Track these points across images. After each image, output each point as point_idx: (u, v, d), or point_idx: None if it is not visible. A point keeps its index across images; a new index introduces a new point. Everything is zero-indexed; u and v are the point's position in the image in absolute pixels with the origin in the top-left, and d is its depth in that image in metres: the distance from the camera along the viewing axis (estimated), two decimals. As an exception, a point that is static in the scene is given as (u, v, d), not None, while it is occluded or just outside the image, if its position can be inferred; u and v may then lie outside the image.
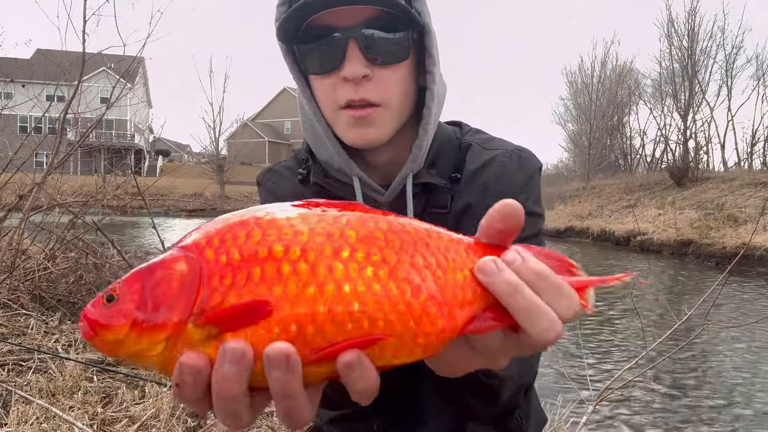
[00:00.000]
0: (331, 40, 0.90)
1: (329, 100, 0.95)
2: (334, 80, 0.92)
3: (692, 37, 30.87)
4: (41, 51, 11.48)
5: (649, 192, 27.44)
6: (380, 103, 0.92)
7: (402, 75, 0.94)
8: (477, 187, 1.01)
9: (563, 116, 46.94)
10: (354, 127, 0.94)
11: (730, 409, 5.50)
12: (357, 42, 0.89)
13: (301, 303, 0.48)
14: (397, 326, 0.49)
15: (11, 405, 2.89)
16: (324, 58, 0.92)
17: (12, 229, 4.91)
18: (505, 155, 1.04)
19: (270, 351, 0.45)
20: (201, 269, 0.49)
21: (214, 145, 47.58)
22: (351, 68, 0.89)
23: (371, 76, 0.91)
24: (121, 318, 0.49)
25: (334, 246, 0.51)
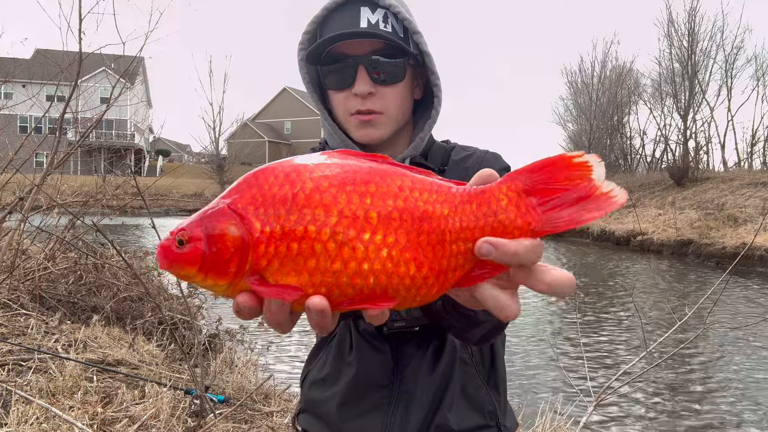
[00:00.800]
0: (345, 64, 1.20)
1: (343, 108, 1.25)
2: (346, 95, 1.23)
3: (692, 37, 30.89)
4: (41, 51, 11.48)
5: (649, 192, 27.45)
6: (382, 112, 1.23)
7: (399, 91, 1.24)
8: (460, 171, 1.28)
9: (563, 116, 46.96)
10: (361, 128, 1.24)
11: (731, 410, 5.50)
12: (365, 67, 1.19)
13: (329, 275, 0.61)
14: (401, 292, 0.63)
15: (11, 405, 2.89)
16: (340, 78, 1.22)
17: (12, 230, 4.91)
18: (483, 152, 1.34)
19: (311, 304, 0.61)
20: (250, 236, 0.61)
21: (214, 145, 47.62)
22: (360, 87, 1.20)
23: (375, 93, 1.21)
24: (191, 263, 0.62)
25: (358, 228, 0.62)
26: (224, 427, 3.09)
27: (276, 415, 3.37)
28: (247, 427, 3.21)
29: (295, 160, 0.66)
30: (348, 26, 1.17)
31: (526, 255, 0.61)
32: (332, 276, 0.61)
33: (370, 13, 1.18)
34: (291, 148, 63.57)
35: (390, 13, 1.19)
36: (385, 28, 1.18)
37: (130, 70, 5.50)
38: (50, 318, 4.53)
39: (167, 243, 0.64)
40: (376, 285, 0.62)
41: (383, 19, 1.18)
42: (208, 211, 0.64)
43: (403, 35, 1.21)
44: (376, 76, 1.20)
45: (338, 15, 1.20)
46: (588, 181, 0.64)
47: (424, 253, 0.63)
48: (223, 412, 3.15)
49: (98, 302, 5.21)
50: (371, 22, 1.17)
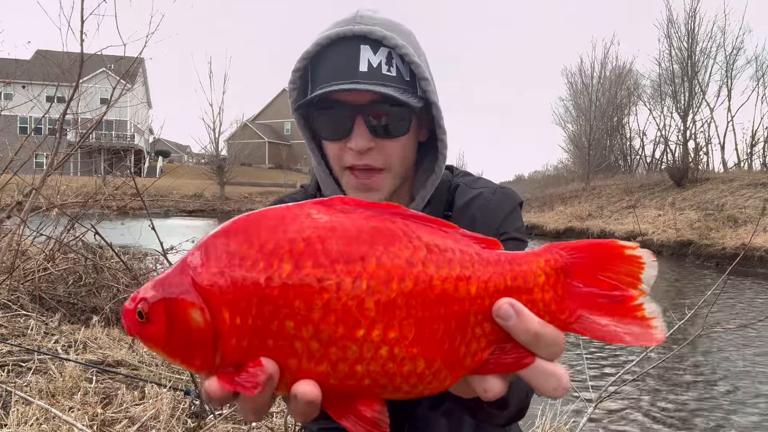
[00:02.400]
0: (340, 113, 1.03)
1: (336, 160, 1.08)
2: (341, 146, 1.05)
3: (692, 37, 30.92)
4: (41, 52, 11.49)
5: (649, 193, 27.45)
6: (382, 168, 1.05)
7: (403, 143, 1.06)
8: (466, 219, 1.13)
9: (563, 117, 46.98)
10: (358, 191, 1.07)
11: (731, 410, 5.50)
12: (363, 117, 1.02)
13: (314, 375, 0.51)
14: (404, 389, 0.53)
15: (11, 406, 2.89)
16: (334, 128, 1.05)
17: (12, 230, 4.91)
18: (490, 191, 1.18)
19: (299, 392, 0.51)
20: (219, 326, 0.52)
21: (214, 145, 47.61)
22: (356, 141, 1.02)
23: (374, 147, 1.03)
24: (154, 342, 0.55)
25: (349, 324, 0.50)
26: (224, 428, 3.09)
27: (276, 416, 3.37)
28: (247, 428, 3.21)
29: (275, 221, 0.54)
30: (345, 69, 0.99)
31: (547, 343, 0.53)
32: (318, 376, 0.51)
33: (371, 53, 1.00)
34: (291, 148, 63.63)
35: (395, 54, 1.01)
36: (389, 71, 1.01)
37: (131, 72, 5.51)
38: (50, 319, 4.53)
39: (130, 309, 0.55)
40: (373, 386, 0.52)
41: (387, 60, 1.01)
42: (168, 279, 0.54)
43: (409, 79, 1.04)
44: (377, 129, 1.02)
45: (334, 53, 1.01)
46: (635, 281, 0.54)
47: (437, 345, 0.51)
48: (222, 413, 3.15)
49: (98, 303, 5.21)
50: (372, 64, 0.99)
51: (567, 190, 35.69)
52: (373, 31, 0.99)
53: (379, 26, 1.01)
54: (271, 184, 49.95)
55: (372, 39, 1.00)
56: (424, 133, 1.14)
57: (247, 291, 0.51)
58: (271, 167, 60.05)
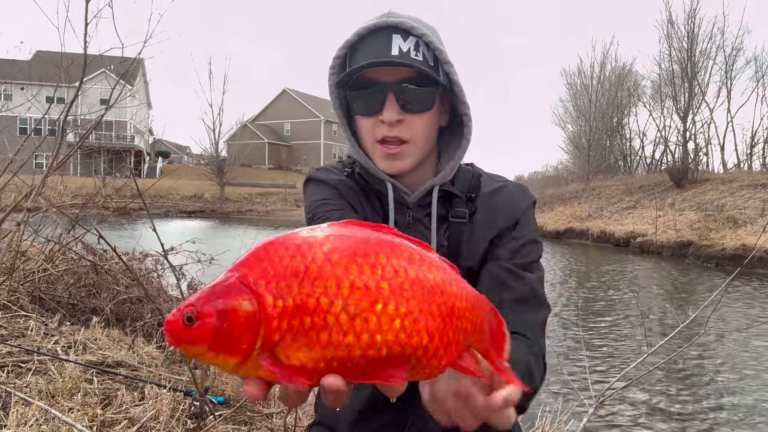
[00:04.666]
0: (374, 90, 1.20)
1: (369, 135, 1.25)
2: (374, 121, 1.23)
3: (692, 38, 30.92)
4: (41, 52, 11.48)
5: (649, 193, 27.44)
6: (409, 140, 1.23)
7: (427, 120, 1.24)
8: (490, 205, 1.31)
9: (563, 118, 46.99)
10: (386, 159, 1.25)
11: (732, 411, 5.50)
12: (394, 94, 1.19)
13: (342, 348, 0.60)
14: (413, 362, 0.64)
15: (11, 407, 2.89)
16: (368, 104, 1.22)
17: (11, 231, 4.90)
18: (513, 186, 1.36)
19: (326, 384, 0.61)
20: (263, 311, 0.60)
21: (214, 146, 47.61)
22: (388, 114, 1.20)
23: (403, 120, 1.21)
24: (201, 340, 0.61)
25: (370, 299, 0.62)
26: (224, 429, 3.09)
27: (275, 417, 3.37)
28: (247, 429, 3.21)
29: (303, 233, 0.66)
30: (379, 53, 1.17)
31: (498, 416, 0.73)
32: (345, 349, 0.61)
33: (401, 41, 1.17)
34: (291, 149, 63.62)
35: (422, 42, 1.19)
36: (416, 56, 1.18)
37: (130, 72, 5.50)
38: (50, 319, 4.52)
39: (175, 319, 0.62)
40: (389, 356, 0.62)
41: (414, 47, 1.18)
42: (217, 285, 0.63)
43: (433, 64, 1.20)
44: (405, 104, 1.20)
45: (370, 41, 1.20)
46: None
47: (435, 323, 0.64)
48: (222, 414, 3.15)
49: (98, 304, 5.21)
50: (402, 49, 1.17)
51: (567, 190, 35.68)
52: (403, 23, 1.18)
53: (408, 19, 1.19)
54: (271, 185, 49.96)
55: (402, 29, 1.18)
56: (445, 118, 1.31)
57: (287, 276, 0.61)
58: (271, 168, 60.07)
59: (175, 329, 0.62)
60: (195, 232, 9.89)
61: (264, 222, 31.32)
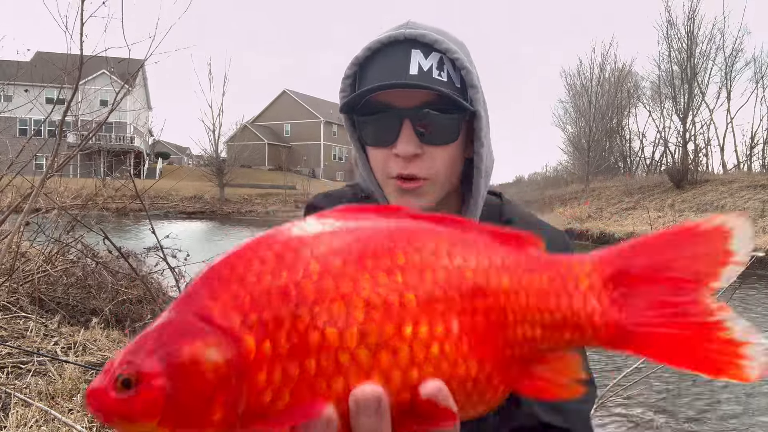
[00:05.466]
0: (387, 117, 0.98)
1: (381, 169, 1.04)
2: (387, 153, 1.01)
3: (691, 39, 30.94)
4: (42, 53, 11.49)
5: (649, 194, 27.46)
6: (428, 178, 1.00)
7: (450, 153, 1.01)
8: None
9: (562, 119, 46.99)
10: (401, 195, 1.02)
11: (732, 412, 5.50)
12: (411, 122, 0.97)
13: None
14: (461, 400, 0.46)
15: (11, 408, 2.89)
16: (380, 132, 1.01)
17: (11, 232, 4.90)
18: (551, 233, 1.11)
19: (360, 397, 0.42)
20: (242, 360, 0.41)
21: (214, 147, 47.61)
22: (403, 147, 0.97)
23: (422, 154, 0.99)
24: (146, 414, 0.40)
25: (395, 322, 0.44)
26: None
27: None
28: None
29: (285, 232, 0.46)
30: (394, 72, 0.96)
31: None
32: None
33: (422, 57, 0.97)
34: (290, 150, 63.63)
35: (447, 59, 0.98)
36: (440, 76, 0.97)
37: (132, 75, 5.51)
38: (49, 320, 4.52)
39: (102, 386, 0.42)
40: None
41: (438, 65, 0.97)
42: (164, 326, 0.43)
43: (460, 86, 0.99)
44: (424, 134, 0.98)
45: (384, 57, 0.99)
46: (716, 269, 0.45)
47: (483, 342, 0.46)
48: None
49: (97, 305, 5.21)
50: (423, 68, 0.96)
51: (566, 191, 35.68)
52: (424, 35, 0.97)
53: (430, 30, 0.99)
54: (271, 186, 49.92)
55: (423, 43, 0.97)
56: (470, 150, 1.08)
57: (271, 301, 0.42)
58: (270, 169, 60.02)
59: (104, 401, 0.41)
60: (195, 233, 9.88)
61: (264, 222, 31.32)
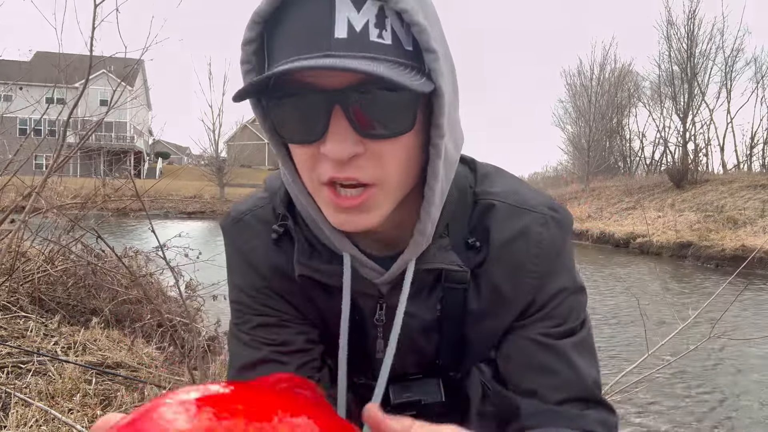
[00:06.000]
0: (310, 102, 0.67)
1: (308, 172, 0.73)
2: (314, 152, 0.70)
3: (691, 39, 30.95)
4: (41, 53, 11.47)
5: (649, 194, 27.47)
6: (373, 183, 0.71)
7: (404, 146, 0.71)
8: (506, 264, 0.86)
9: (562, 118, 47.02)
10: (339, 212, 0.73)
11: (732, 413, 5.50)
12: (343, 109, 0.66)
13: None
14: None
15: (10, 407, 2.89)
16: (301, 125, 0.69)
17: (11, 232, 4.91)
18: (541, 222, 0.86)
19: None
20: None
21: (214, 147, 47.62)
22: (335, 146, 0.67)
23: (362, 152, 0.68)
24: None
25: None
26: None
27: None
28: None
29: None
30: (313, 37, 0.65)
31: None
32: None
33: (353, 10, 0.64)
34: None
35: (389, 11, 0.65)
36: (380, 37, 0.65)
37: (131, 74, 5.51)
38: (49, 320, 4.53)
39: None
40: None
41: (377, 21, 0.65)
42: None
43: (412, 48, 0.67)
44: (364, 124, 0.67)
45: (297, 10, 0.66)
46: None
47: None
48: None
49: (97, 305, 5.21)
50: (355, 27, 0.64)
51: (566, 191, 35.71)
52: None
53: None
54: (271, 186, 49.90)
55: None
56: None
57: None
58: (270, 169, 60.06)
59: None
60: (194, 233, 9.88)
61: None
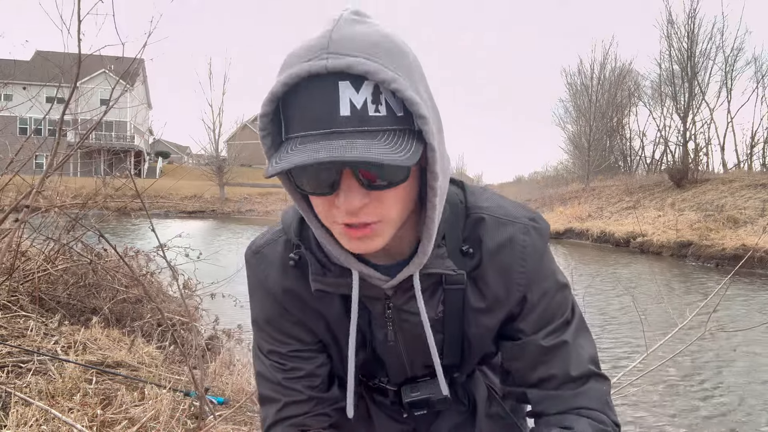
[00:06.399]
0: (323, 167, 0.81)
1: (324, 216, 0.89)
2: (329, 200, 0.85)
3: (692, 38, 30.93)
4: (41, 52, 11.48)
5: (649, 193, 27.47)
6: (379, 220, 0.87)
7: (402, 190, 0.87)
8: (497, 267, 1.02)
9: (563, 118, 47.03)
10: (352, 240, 0.89)
11: (732, 414, 5.50)
12: (352, 171, 0.81)
13: None
14: None
15: (11, 407, 2.89)
16: (316, 182, 0.84)
17: (11, 231, 4.90)
18: (523, 231, 1.02)
19: None
20: None
21: (214, 146, 47.63)
22: (347, 201, 0.82)
23: (369, 202, 0.84)
24: None
25: None
26: (224, 429, 3.09)
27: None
28: (247, 429, 3.21)
29: None
30: (322, 114, 0.78)
31: None
32: None
33: (353, 91, 0.78)
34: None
35: (383, 88, 0.79)
36: (377, 111, 0.79)
37: (130, 72, 5.50)
38: (50, 320, 4.53)
39: None
40: None
41: (373, 97, 0.79)
42: None
43: (403, 114, 0.82)
44: (370, 181, 0.82)
45: (307, 94, 0.80)
46: None
47: None
48: (222, 414, 3.15)
49: (97, 304, 5.21)
50: (356, 105, 0.78)
51: (567, 190, 35.71)
52: (351, 65, 0.77)
53: (359, 54, 0.78)
54: (271, 185, 49.93)
55: (353, 75, 0.78)
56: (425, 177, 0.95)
57: None
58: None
59: None
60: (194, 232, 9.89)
61: (264, 222, 31.34)
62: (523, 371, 1.06)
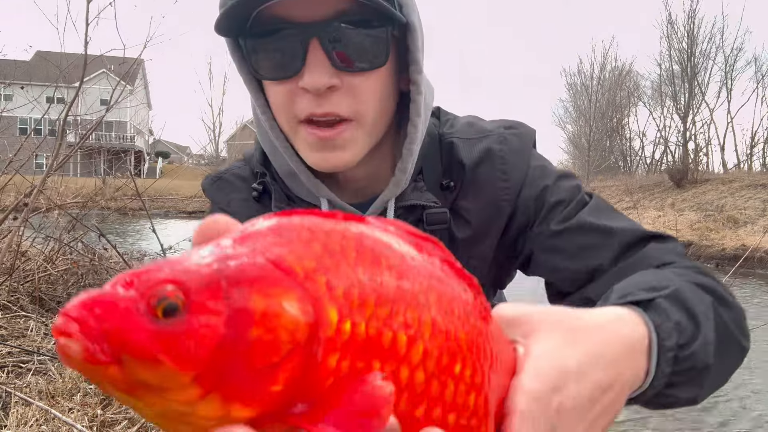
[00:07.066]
0: (287, 37, 0.72)
1: (285, 111, 0.77)
2: (291, 87, 0.75)
3: (692, 38, 30.94)
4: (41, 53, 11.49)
5: (649, 194, 27.47)
6: (351, 118, 0.75)
7: (379, 81, 0.77)
8: (477, 188, 0.88)
9: (563, 118, 47.03)
10: (317, 149, 0.77)
11: (731, 414, 5.50)
12: (321, 42, 0.71)
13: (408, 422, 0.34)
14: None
15: (11, 407, 2.89)
16: (278, 60, 0.74)
17: (11, 231, 4.91)
18: (499, 141, 0.89)
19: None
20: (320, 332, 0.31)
21: (214, 146, 47.67)
22: (312, 77, 0.71)
23: (339, 86, 0.73)
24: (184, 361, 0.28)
25: (452, 354, 0.37)
26: (224, 429, 3.09)
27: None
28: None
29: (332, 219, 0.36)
30: None
31: None
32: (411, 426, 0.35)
33: None
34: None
35: None
36: None
37: (130, 73, 5.51)
38: (50, 320, 4.53)
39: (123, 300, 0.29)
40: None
41: None
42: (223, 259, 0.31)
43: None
44: (341, 58, 0.72)
45: None
46: None
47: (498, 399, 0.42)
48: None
49: (98, 304, 5.22)
50: None
51: (567, 191, 35.65)
52: None
53: None
54: (271, 185, 50.00)
55: None
56: (406, 81, 0.83)
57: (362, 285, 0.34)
58: (271, 168, 60.14)
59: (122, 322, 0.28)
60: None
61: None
62: (569, 274, 0.85)
